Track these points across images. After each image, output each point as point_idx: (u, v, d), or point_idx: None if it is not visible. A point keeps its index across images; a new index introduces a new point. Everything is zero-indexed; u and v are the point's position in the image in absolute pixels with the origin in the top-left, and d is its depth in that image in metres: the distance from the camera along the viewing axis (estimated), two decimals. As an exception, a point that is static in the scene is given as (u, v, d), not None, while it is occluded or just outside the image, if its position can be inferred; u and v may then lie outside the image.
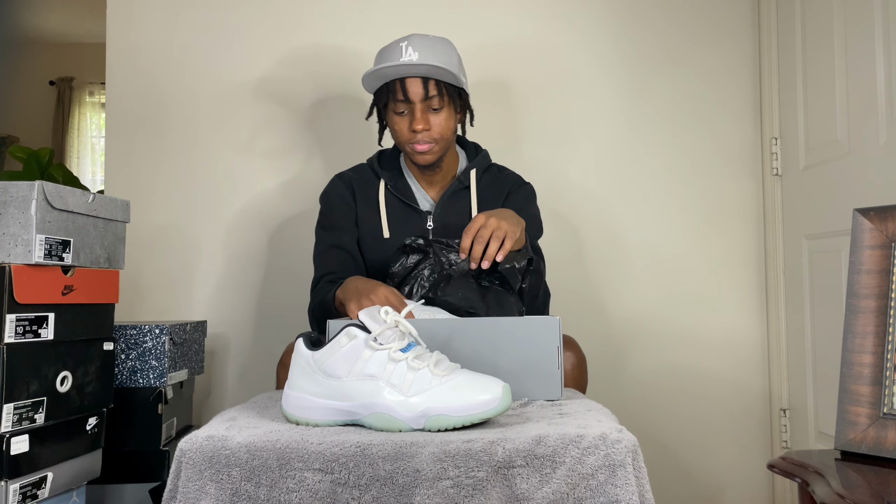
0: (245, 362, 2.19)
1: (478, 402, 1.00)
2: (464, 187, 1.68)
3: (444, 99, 1.56)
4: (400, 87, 1.54)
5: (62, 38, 5.31)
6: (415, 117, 1.55)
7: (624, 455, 0.97)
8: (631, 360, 2.20)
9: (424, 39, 1.55)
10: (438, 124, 1.57)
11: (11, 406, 1.34)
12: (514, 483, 0.96)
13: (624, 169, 2.23)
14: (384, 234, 1.63)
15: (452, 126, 1.61)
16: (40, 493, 1.41)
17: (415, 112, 1.55)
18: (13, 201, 1.37)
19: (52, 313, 1.43)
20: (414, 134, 1.56)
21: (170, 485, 1.01)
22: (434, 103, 1.55)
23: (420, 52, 1.53)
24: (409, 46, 1.53)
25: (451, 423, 1.00)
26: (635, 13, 2.25)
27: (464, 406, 1.00)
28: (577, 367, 1.53)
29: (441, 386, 1.02)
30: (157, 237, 2.18)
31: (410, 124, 1.56)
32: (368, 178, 1.70)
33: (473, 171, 1.68)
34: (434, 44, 1.56)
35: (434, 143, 1.58)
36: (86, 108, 5.53)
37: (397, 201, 1.66)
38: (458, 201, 1.67)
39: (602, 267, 2.22)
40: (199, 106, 2.21)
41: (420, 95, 1.54)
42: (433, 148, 1.58)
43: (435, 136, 1.57)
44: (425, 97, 1.54)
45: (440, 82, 1.55)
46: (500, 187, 1.71)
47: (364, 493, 0.95)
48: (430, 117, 1.56)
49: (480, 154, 1.73)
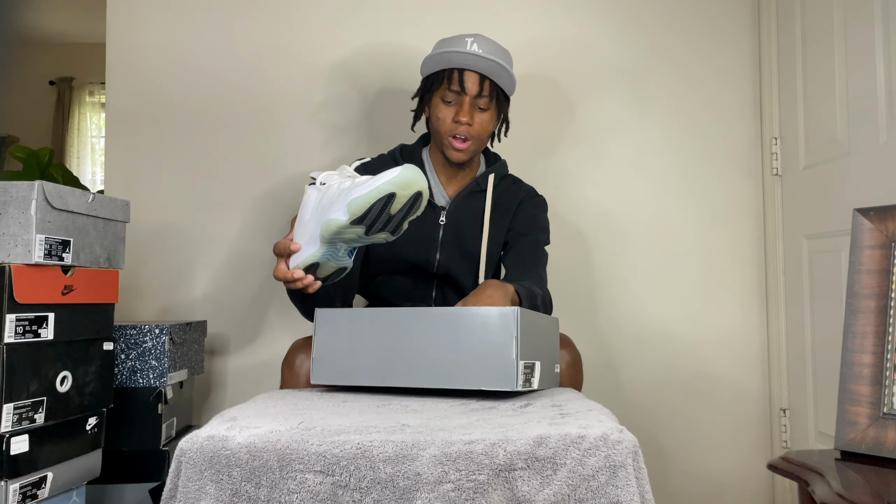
0: (245, 362, 2.18)
1: (384, 176, 1.23)
2: (480, 190, 1.71)
3: (493, 101, 1.61)
4: (458, 77, 1.58)
5: (62, 38, 5.31)
6: (462, 109, 1.59)
7: (625, 456, 0.97)
8: (631, 359, 2.20)
9: (489, 41, 1.61)
10: (481, 122, 1.61)
11: (11, 406, 1.34)
12: (516, 486, 0.96)
13: (624, 168, 2.23)
14: None
15: (491, 129, 1.66)
16: (40, 493, 1.41)
17: (463, 104, 1.59)
18: (13, 201, 1.37)
19: (51, 313, 1.43)
20: (457, 125, 1.60)
21: (169, 484, 1.01)
22: (482, 102, 1.60)
23: (484, 49, 1.58)
24: (475, 43, 1.58)
25: (365, 200, 1.21)
26: (635, 15, 2.25)
27: (372, 182, 1.23)
28: (572, 365, 1.53)
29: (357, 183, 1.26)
30: (157, 237, 2.18)
31: (456, 114, 1.59)
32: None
33: (492, 175, 1.71)
34: (496, 46, 1.61)
35: (472, 139, 1.61)
36: (86, 108, 5.53)
37: None
38: (473, 203, 1.70)
39: (602, 267, 2.22)
40: (199, 106, 2.21)
41: (475, 90, 1.58)
42: (469, 146, 1.63)
43: (474, 133, 1.61)
44: (479, 93, 1.59)
45: (494, 84, 1.60)
46: (514, 197, 1.74)
47: (365, 496, 0.95)
48: (475, 114, 1.60)
49: (499, 162, 1.77)
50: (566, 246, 2.19)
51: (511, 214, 1.72)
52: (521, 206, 1.72)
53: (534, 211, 1.73)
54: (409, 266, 1.68)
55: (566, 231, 2.20)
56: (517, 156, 2.06)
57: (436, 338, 1.23)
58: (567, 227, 2.20)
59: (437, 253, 1.67)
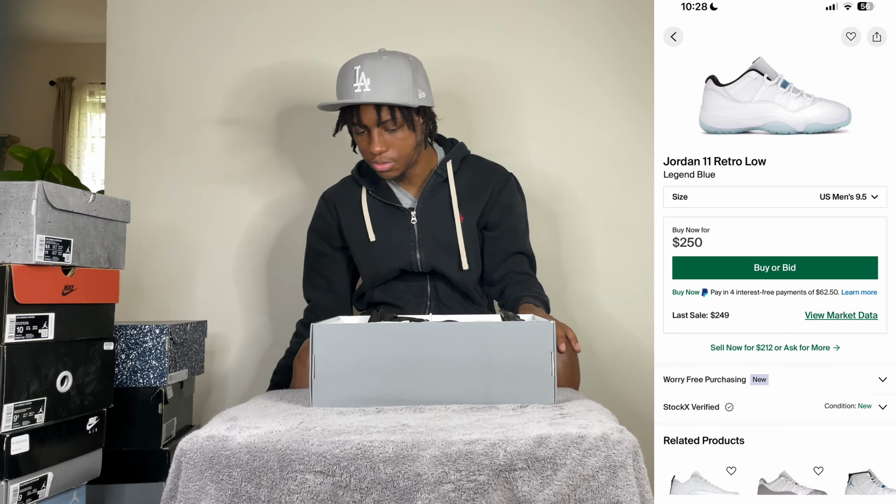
0: (245, 362, 2.18)
1: None
2: (443, 180, 1.75)
3: (398, 121, 1.63)
4: (355, 114, 1.63)
5: (62, 38, 5.31)
6: (372, 140, 1.64)
7: (625, 456, 0.97)
8: (631, 359, 2.20)
9: (377, 63, 1.62)
10: (396, 144, 1.65)
11: (11, 406, 1.34)
12: (516, 486, 0.96)
13: (622, 168, 2.22)
14: (370, 237, 1.73)
15: (411, 143, 1.68)
16: (40, 493, 1.41)
17: (372, 135, 1.63)
18: (13, 201, 1.37)
19: (52, 313, 1.43)
20: (373, 154, 1.65)
21: (169, 484, 1.01)
22: (388, 125, 1.63)
23: (372, 78, 1.60)
24: (363, 72, 1.61)
25: None
26: (633, 11, 2.25)
27: None
28: (568, 364, 1.54)
29: None
30: (157, 237, 2.18)
31: (369, 143, 1.65)
32: (351, 189, 1.80)
33: (449, 162, 1.76)
34: (387, 67, 1.62)
35: (393, 161, 1.66)
36: (86, 108, 5.53)
37: (379, 204, 1.76)
38: (439, 194, 1.75)
39: (601, 266, 2.21)
40: (199, 106, 2.21)
41: (373, 121, 1.62)
42: (394, 165, 1.67)
43: (393, 155, 1.66)
44: (378, 122, 1.62)
45: (392, 107, 1.62)
46: (483, 178, 1.77)
47: (365, 497, 0.95)
48: (387, 138, 1.64)
49: (456, 146, 1.80)
50: (566, 246, 2.19)
51: (484, 199, 1.75)
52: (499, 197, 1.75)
53: (510, 201, 1.77)
54: (396, 270, 1.74)
55: (565, 231, 2.19)
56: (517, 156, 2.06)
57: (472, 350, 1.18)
58: (566, 226, 2.19)
59: (417, 252, 1.73)
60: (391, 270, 1.74)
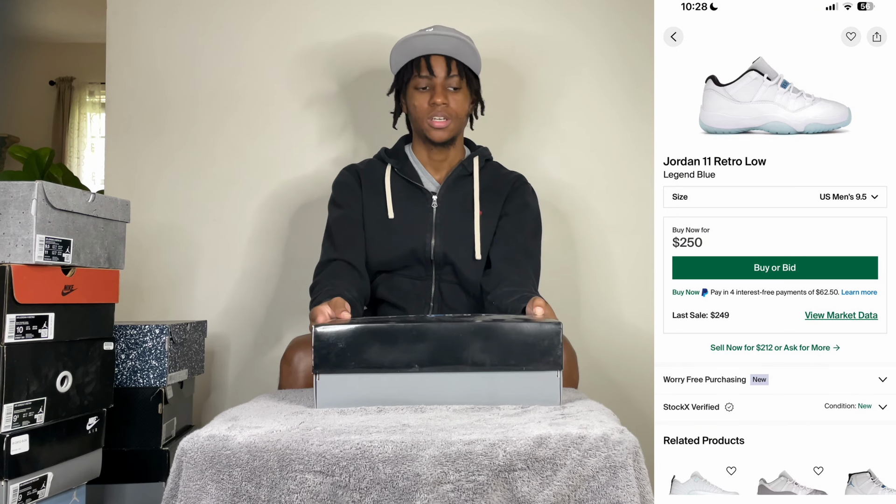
0: (245, 362, 2.18)
1: None
2: (467, 174, 1.77)
3: (463, 80, 1.71)
4: (425, 63, 1.69)
5: (62, 38, 5.31)
6: (436, 92, 1.68)
7: (625, 456, 0.97)
8: (631, 358, 2.20)
9: (448, 27, 1.72)
10: (456, 101, 1.71)
11: (11, 406, 1.34)
12: (515, 486, 0.96)
13: (621, 167, 2.23)
14: (389, 213, 1.72)
15: (467, 108, 1.75)
16: (40, 493, 1.41)
17: (436, 88, 1.69)
18: (13, 201, 1.37)
19: (52, 313, 1.43)
20: (433, 108, 1.69)
21: (171, 483, 1.01)
22: (454, 83, 1.70)
23: (447, 31, 1.70)
24: (433, 29, 1.71)
25: None
26: (633, 11, 2.25)
27: None
28: (566, 362, 1.53)
29: None
30: (157, 237, 2.18)
31: (431, 98, 1.68)
32: (375, 166, 1.80)
33: (476, 158, 1.79)
34: (457, 31, 1.72)
35: (450, 119, 1.70)
36: (86, 108, 5.53)
37: (403, 182, 1.76)
38: (462, 187, 1.76)
39: (601, 265, 2.21)
40: (199, 106, 2.21)
41: (443, 72, 1.69)
42: (449, 125, 1.70)
43: (452, 112, 1.70)
44: (448, 75, 1.69)
45: (461, 65, 1.70)
46: (502, 183, 1.79)
47: (364, 497, 0.95)
48: (449, 95, 1.69)
49: (482, 147, 1.85)
50: (565, 245, 2.19)
51: (503, 198, 1.76)
52: (513, 195, 1.77)
53: (527, 199, 1.79)
54: (408, 253, 1.70)
55: (564, 230, 2.19)
56: (514, 154, 2.06)
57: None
58: (564, 225, 2.20)
59: (433, 237, 1.70)
60: (402, 254, 1.69)
